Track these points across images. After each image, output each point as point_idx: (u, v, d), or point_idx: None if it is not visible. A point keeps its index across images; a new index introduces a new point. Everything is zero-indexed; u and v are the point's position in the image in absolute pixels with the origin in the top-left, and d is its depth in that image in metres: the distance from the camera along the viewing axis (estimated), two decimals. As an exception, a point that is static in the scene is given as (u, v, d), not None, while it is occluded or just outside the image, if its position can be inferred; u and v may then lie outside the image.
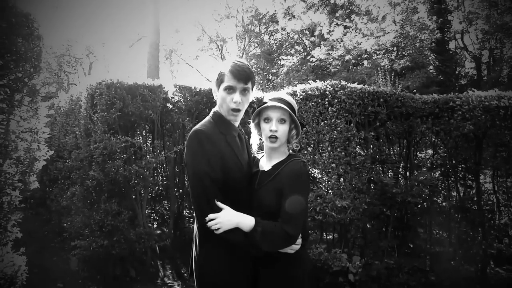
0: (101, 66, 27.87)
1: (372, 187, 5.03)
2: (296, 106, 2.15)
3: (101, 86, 4.76)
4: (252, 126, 2.21)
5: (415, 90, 13.23)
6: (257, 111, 2.13)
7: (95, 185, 4.64)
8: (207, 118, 2.11)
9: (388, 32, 15.89)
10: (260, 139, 2.20)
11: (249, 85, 2.06)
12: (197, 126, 2.01)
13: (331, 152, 4.60)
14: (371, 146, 5.11)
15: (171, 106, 5.33)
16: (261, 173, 2.10)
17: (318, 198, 4.57)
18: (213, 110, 2.13)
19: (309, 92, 4.83)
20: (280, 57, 21.93)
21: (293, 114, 2.06)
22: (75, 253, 4.68)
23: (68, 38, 24.49)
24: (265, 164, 2.13)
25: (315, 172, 4.98)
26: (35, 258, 4.95)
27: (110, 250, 4.51)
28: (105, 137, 4.59)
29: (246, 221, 1.89)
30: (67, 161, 5.68)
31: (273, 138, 2.04)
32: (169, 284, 4.96)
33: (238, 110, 2.05)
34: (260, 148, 2.30)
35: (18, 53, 2.56)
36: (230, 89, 2.01)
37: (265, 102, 2.10)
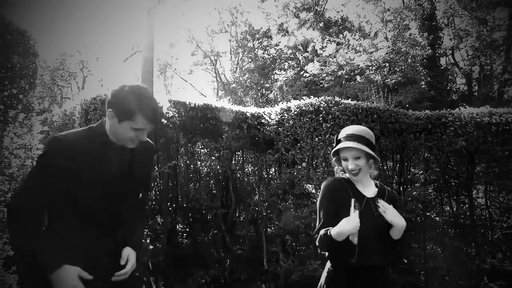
0: (95, 80, 27.86)
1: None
2: (371, 136, 2.30)
3: (95, 101, 4.75)
4: (332, 161, 2.41)
5: (407, 105, 13.40)
6: (334, 150, 2.31)
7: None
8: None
9: (380, 48, 16.11)
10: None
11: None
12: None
13: (326, 168, 4.61)
14: (365, 161, 5.13)
15: (165, 122, 5.33)
16: (371, 199, 2.27)
17: (313, 213, 4.57)
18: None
19: (304, 108, 4.87)
20: (274, 72, 22.11)
21: (367, 149, 2.20)
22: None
23: (62, 52, 24.48)
24: (365, 191, 2.32)
25: (309, 187, 4.99)
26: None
27: (102, 267, 4.44)
28: (99, 152, 4.57)
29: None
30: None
31: (353, 172, 2.24)
32: (162, 301, 4.89)
33: None
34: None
35: (14, 70, 2.56)
36: (139, 131, 1.90)
37: (340, 140, 2.29)
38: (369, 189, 2.33)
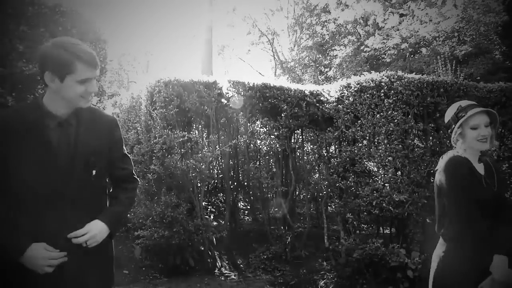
0: (158, 63, 28.94)
1: (432, 181, 4.84)
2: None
3: (159, 83, 4.97)
4: (456, 135, 2.32)
5: (478, 78, 12.44)
6: (464, 120, 2.25)
7: (155, 178, 4.87)
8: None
9: (449, 17, 15.00)
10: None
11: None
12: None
13: (388, 145, 4.47)
14: (431, 138, 4.91)
15: (225, 102, 5.45)
16: (485, 176, 2.24)
17: (375, 192, 4.48)
18: None
19: (364, 84, 4.73)
20: (333, 48, 21.50)
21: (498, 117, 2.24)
22: (139, 242, 4.95)
23: (127, 37, 25.62)
24: (479, 167, 2.28)
25: (370, 165, 4.89)
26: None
27: (171, 241, 4.73)
28: (164, 133, 4.80)
29: None
30: (130, 155, 5.99)
31: (483, 140, 2.22)
32: (226, 275, 5.11)
33: None
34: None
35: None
36: (85, 82, 1.72)
37: (464, 109, 2.27)
38: (478, 165, 2.29)
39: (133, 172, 2.16)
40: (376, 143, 4.65)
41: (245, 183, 6.85)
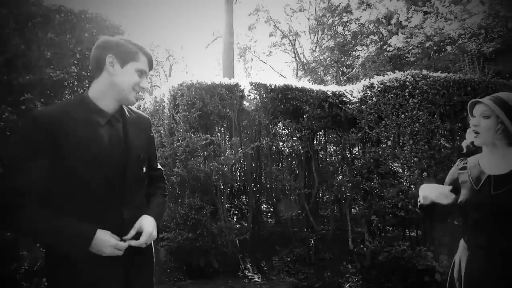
0: (180, 67, 29.33)
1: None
2: None
3: (182, 87, 5.03)
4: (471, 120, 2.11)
5: (508, 75, 12.05)
6: (470, 105, 2.06)
7: (179, 181, 4.92)
8: None
9: (475, 14, 14.61)
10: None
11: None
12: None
13: (413, 146, 4.38)
14: (458, 138, 4.78)
15: (247, 104, 5.46)
16: (493, 176, 1.96)
17: (400, 193, 4.40)
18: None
19: (388, 83, 4.65)
20: (355, 48, 21.28)
21: (496, 107, 1.89)
22: (163, 244, 5.01)
23: (150, 42, 26.05)
24: (493, 166, 2.00)
25: (395, 166, 4.80)
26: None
27: (194, 243, 4.76)
28: (187, 136, 4.85)
29: None
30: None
31: (474, 130, 1.99)
32: (249, 277, 5.10)
33: None
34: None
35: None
36: (142, 75, 1.78)
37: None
38: (501, 165, 1.96)
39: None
40: (401, 143, 4.56)
41: (268, 185, 6.83)
